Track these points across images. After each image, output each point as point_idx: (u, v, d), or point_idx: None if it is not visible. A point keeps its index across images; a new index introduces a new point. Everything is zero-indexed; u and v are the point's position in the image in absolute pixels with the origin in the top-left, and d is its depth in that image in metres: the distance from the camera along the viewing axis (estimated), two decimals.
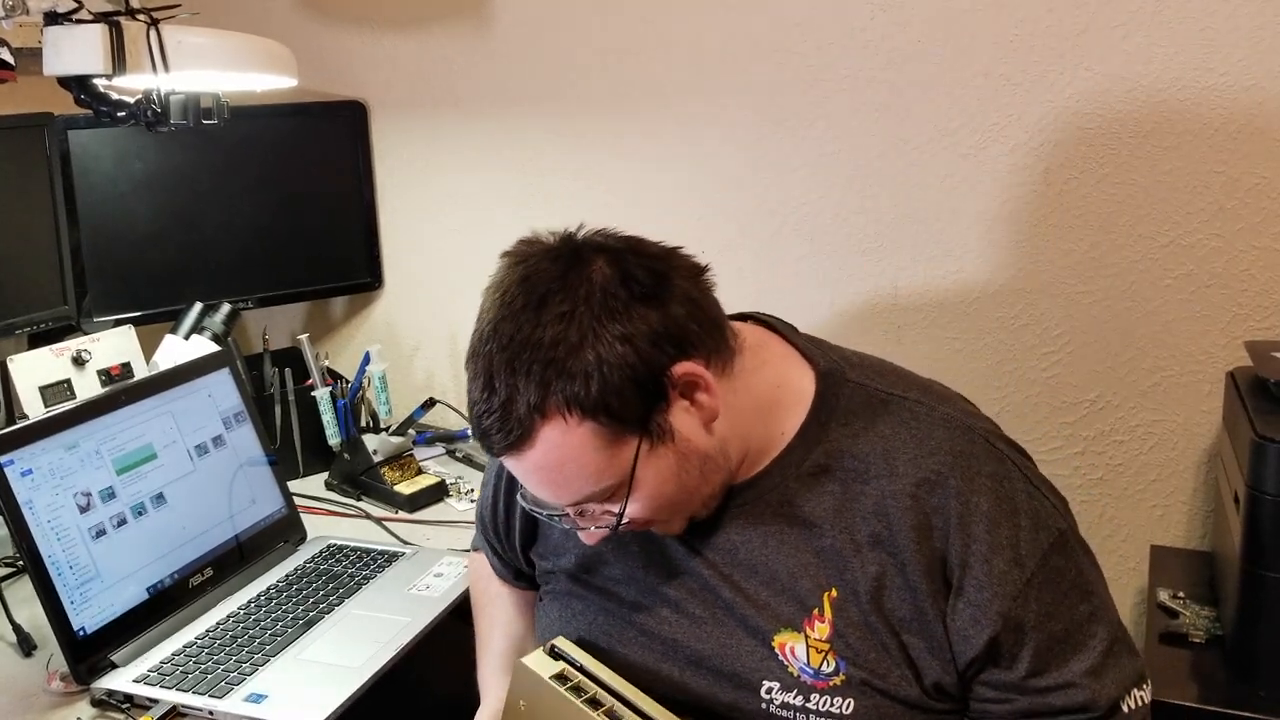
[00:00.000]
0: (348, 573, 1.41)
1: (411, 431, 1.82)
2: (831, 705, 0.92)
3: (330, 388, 1.76)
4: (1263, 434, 1.15)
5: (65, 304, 1.65)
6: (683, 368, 0.87)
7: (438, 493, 1.68)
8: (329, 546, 1.49)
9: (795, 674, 0.93)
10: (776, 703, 0.93)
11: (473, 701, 1.13)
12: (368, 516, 1.64)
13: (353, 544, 1.49)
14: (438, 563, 1.43)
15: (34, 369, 1.54)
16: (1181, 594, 1.38)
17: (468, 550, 1.47)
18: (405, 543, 1.54)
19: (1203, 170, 1.45)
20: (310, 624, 1.29)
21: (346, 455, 1.72)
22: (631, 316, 0.85)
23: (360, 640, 1.25)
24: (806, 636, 0.93)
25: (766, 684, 0.94)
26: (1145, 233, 1.50)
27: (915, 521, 0.90)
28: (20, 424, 1.22)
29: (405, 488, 1.66)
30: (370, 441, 1.69)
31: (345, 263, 1.96)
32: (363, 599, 1.35)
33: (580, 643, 1.03)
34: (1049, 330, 1.57)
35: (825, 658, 0.92)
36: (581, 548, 1.04)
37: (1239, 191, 1.44)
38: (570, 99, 1.80)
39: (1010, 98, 1.53)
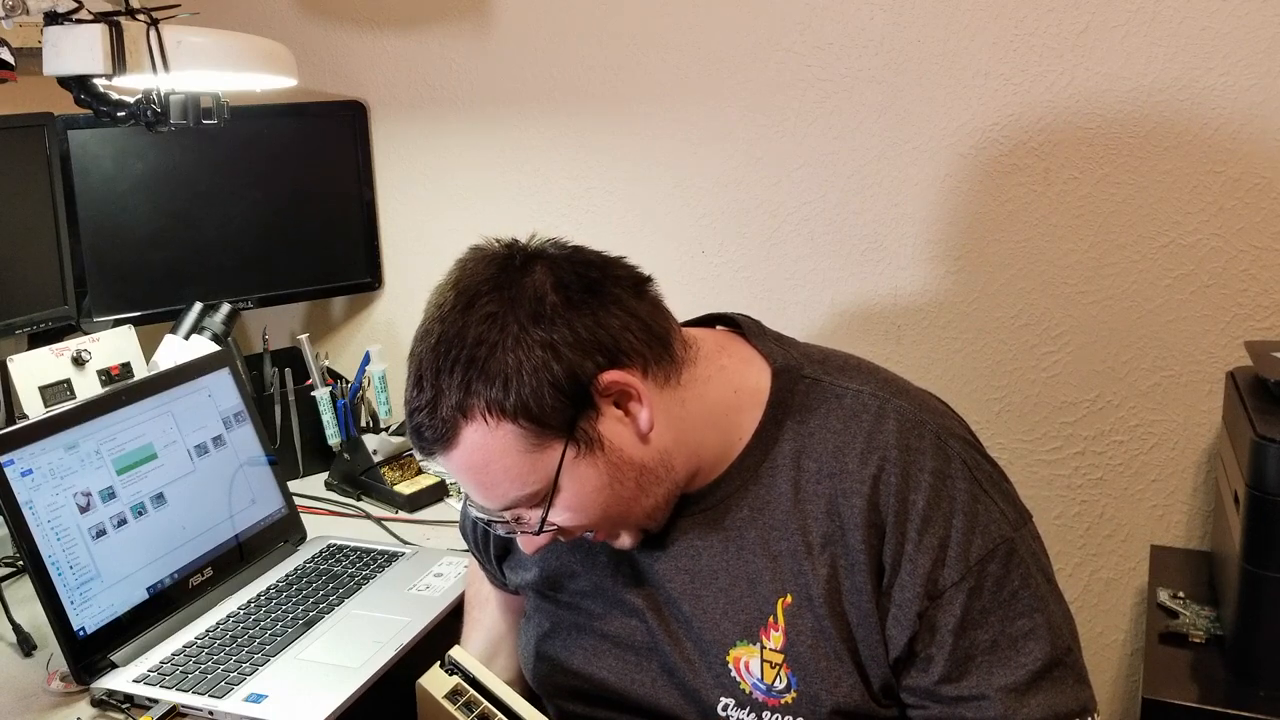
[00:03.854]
0: (348, 573, 1.41)
1: None
2: None
3: (330, 388, 1.76)
4: (1263, 434, 1.15)
5: (65, 304, 1.65)
6: (611, 376, 0.86)
7: (438, 493, 1.68)
8: (329, 546, 1.49)
9: (748, 690, 0.93)
10: (732, 719, 0.94)
11: None
12: (368, 516, 1.64)
13: (353, 544, 1.49)
14: (437, 563, 1.43)
15: (34, 369, 1.53)
16: (1181, 594, 1.38)
17: (468, 550, 1.47)
18: (405, 543, 1.54)
19: (1202, 170, 1.45)
20: (310, 624, 1.29)
21: (346, 455, 1.72)
22: (557, 322, 0.85)
23: (360, 640, 1.25)
24: (762, 647, 0.93)
25: (723, 700, 0.94)
26: (1145, 233, 1.50)
27: (864, 520, 0.89)
28: (20, 424, 1.22)
29: (405, 488, 1.66)
30: (370, 441, 1.69)
31: (345, 263, 1.96)
32: (363, 599, 1.35)
33: (554, 659, 1.04)
34: (1049, 330, 1.57)
35: (779, 673, 0.92)
36: (544, 561, 1.04)
37: (1238, 191, 1.44)
38: (570, 99, 1.80)
39: (1010, 98, 1.53)
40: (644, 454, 0.90)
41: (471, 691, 0.93)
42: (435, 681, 0.94)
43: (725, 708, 0.94)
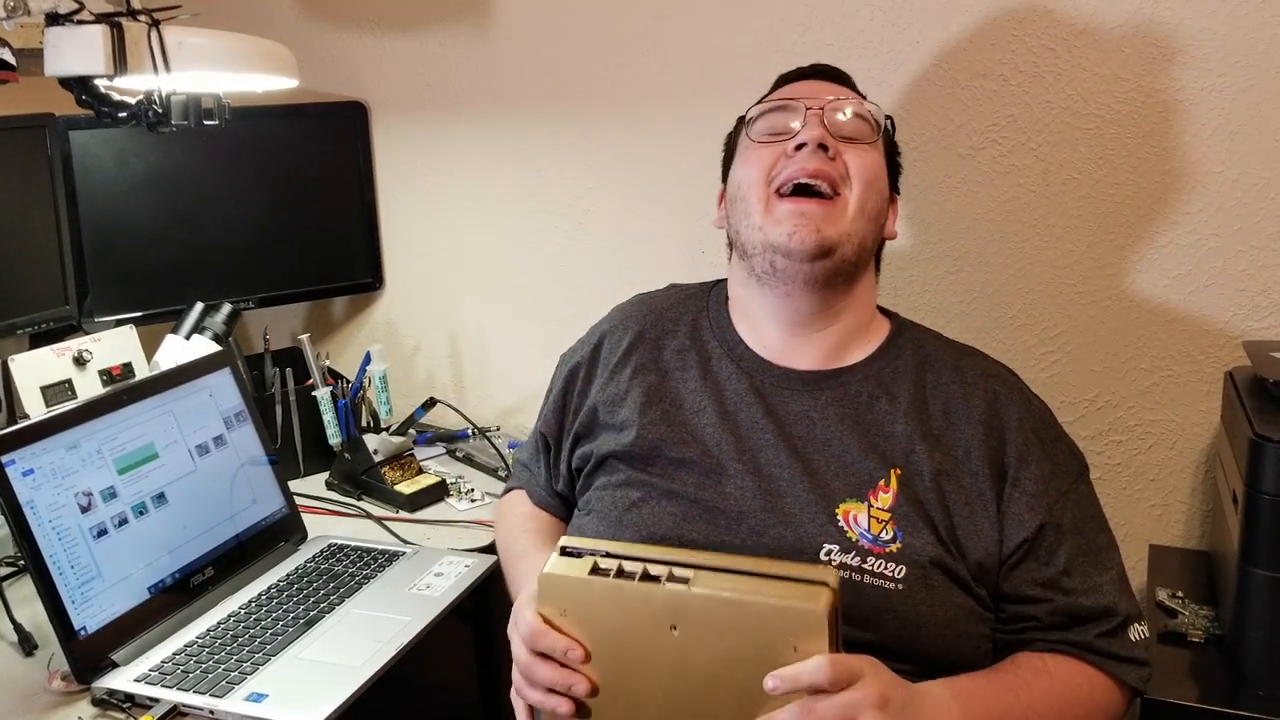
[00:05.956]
0: (348, 572, 1.41)
1: (412, 431, 1.82)
2: (885, 569, 1.01)
3: (331, 387, 1.76)
4: (1261, 433, 1.15)
5: (66, 304, 1.65)
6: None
7: (438, 492, 1.68)
8: (329, 546, 1.49)
9: (855, 539, 1.03)
10: (835, 563, 1.01)
11: (473, 701, 1.13)
12: (368, 516, 1.64)
13: (353, 544, 1.50)
14: (438, 562, 1.44)
15: (35, 369, 1.54)
16: (1180, 593, 1.38)
17: (469, 550, 1.48)
18: (405, 542, 1.54)
19: (1202, 170, 1.45)
20: (311, 623, 1.29)
21: (347, 455, 1.72)
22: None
23: (360, 640, 1.26)
24: (869, 505, 1.04)
25: (826, 546, 1.02)
26: (1145, 233, 1.50)
27: (980, 420, 1.07)
28: (21, 424, 1.22)
29: (405, 487, 1.66)
30: (371, 441, 1.69)
31: (345, 263, 1.97)
32: (363, 598, 1.35)
33: (639, 527, 1.06)
34: (1049, 330, 1.57)
35: (885, 526, 1.03)
36: (644, 430, 1.11)
37: (1238, 191, 1.44)
38: (571, 99, 1.80)
39: (1009, 98, 1.53)
40: (890, 223, 1.19)
41: (614, 562, 0.88)
42: (563, 566, 0.89)
43: (829, 553, 1.02)
